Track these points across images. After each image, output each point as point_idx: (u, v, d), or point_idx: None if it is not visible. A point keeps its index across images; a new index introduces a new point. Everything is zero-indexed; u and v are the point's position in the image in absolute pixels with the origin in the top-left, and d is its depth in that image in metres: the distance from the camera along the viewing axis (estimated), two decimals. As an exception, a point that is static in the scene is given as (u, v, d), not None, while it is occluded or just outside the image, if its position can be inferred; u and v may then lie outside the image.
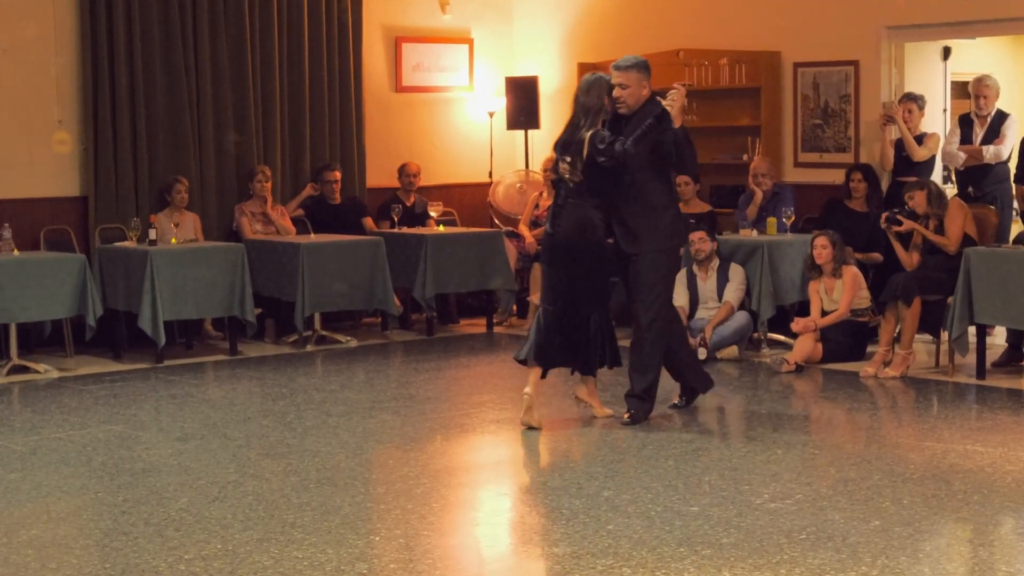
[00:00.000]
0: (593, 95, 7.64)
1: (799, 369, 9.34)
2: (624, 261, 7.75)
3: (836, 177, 10.95)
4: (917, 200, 9.45)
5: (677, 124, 7.56)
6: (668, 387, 8.39)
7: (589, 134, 7.54)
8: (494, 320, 11.80)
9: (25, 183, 10.63)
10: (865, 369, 9.23)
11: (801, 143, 11.45)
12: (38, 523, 5.96)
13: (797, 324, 9.69)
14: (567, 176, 7.63)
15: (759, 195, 10.82)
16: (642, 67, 7.69)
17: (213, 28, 11.27)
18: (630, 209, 7.65)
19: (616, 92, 7.66)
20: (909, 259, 9.53)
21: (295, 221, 11.50)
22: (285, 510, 6.08)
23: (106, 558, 5.48)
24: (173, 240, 10.39)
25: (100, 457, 7.17)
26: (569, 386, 9.24)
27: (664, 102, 7.57)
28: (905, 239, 9.58)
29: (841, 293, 9.65)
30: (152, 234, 10.19)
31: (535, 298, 11.24)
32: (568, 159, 7.61)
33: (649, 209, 7.65)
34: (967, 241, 9.33)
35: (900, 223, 9.49)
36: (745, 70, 11.60)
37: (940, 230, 9.40)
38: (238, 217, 11.27)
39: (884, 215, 9.61)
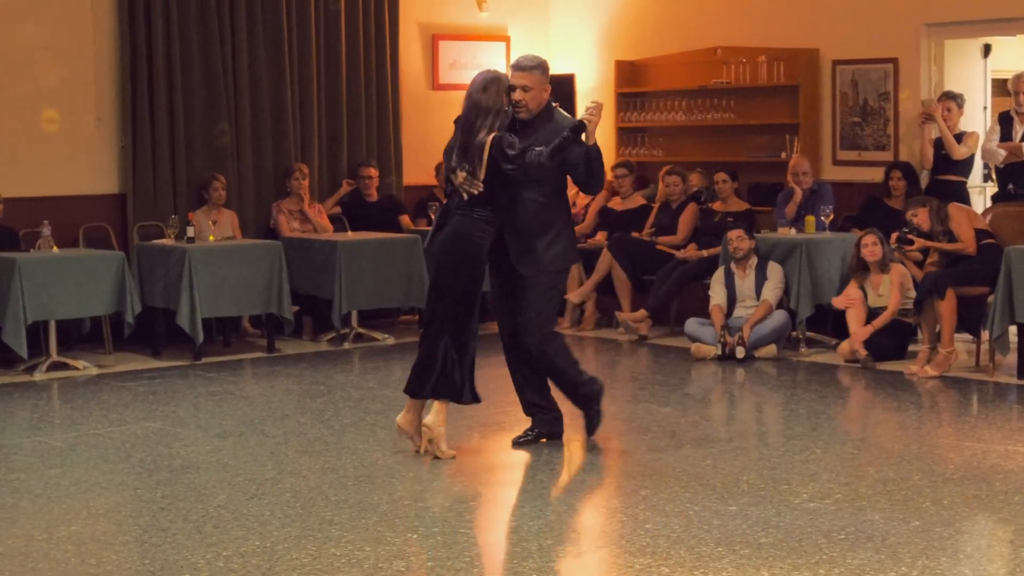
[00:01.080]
0: (491, 93, 6.84)
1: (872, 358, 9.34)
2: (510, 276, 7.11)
3: (875, 175, 10.89)
4: (921, 217, 9.43)
5: (591, 142, 6.88)
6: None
7: (491, 138, 6.75)
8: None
9: (64, 181, 10.69)
10: (910, 367, 9.18)
11: (840, 141, 11.38)
12: (77, 519, 5.99)
13: (839, 301, 9.63)
14: (466, 187, 6.78)
15: (799, 193, 10.75)
16: (545, 69, 7.06)
17: (250, 26, 11.30)
18: (530, 227, 7.00)
19: (517, 95, 6.95)
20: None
21: (332, 219, 11.51)
22: (323, 507, 6.08)
23: (145, 554, 5.50)
24: (211, 237, 10.43)
25: (139, 454, 7.20)
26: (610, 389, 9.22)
27: (583, 116, 6.90)
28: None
29: (888, 288, 9.59)
30: (190, 231, 10.23)
31: (572, 296, 11.22)
32: (467, 166, 6.78)
33: (550, 230, 7.02)
34: (982, 234, 9.31)
35: (912, 242, 9.47)
36: (783, 67, 11.55)
37: (950, 240, 9.37)
38: (275, 215, 11.29)
39: (894, 235, 9.58)
